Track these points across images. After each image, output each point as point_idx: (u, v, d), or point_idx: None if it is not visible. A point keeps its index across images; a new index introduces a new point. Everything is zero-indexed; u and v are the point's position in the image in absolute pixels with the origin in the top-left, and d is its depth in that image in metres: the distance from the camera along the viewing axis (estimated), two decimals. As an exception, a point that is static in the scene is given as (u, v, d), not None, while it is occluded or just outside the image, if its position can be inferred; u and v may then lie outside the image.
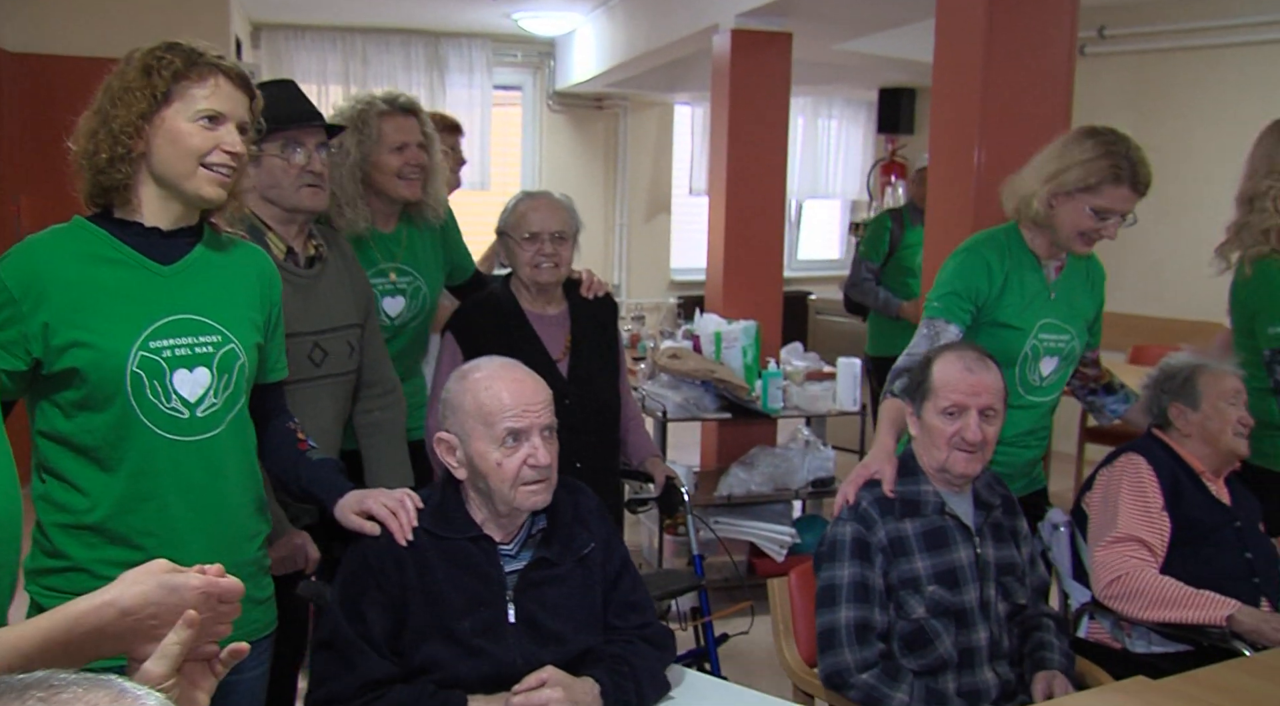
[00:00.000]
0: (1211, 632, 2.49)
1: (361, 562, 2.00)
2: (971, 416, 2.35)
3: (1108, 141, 2.66)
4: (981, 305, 2.73)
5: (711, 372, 4.46)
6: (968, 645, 2.33)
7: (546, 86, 8.67)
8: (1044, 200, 2.69)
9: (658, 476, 3.18)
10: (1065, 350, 2.80)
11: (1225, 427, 2.73)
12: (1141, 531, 2.63)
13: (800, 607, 2.51)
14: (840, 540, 2.36)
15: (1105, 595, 2.61)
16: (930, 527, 2.37)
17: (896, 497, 2.39)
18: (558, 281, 2.99)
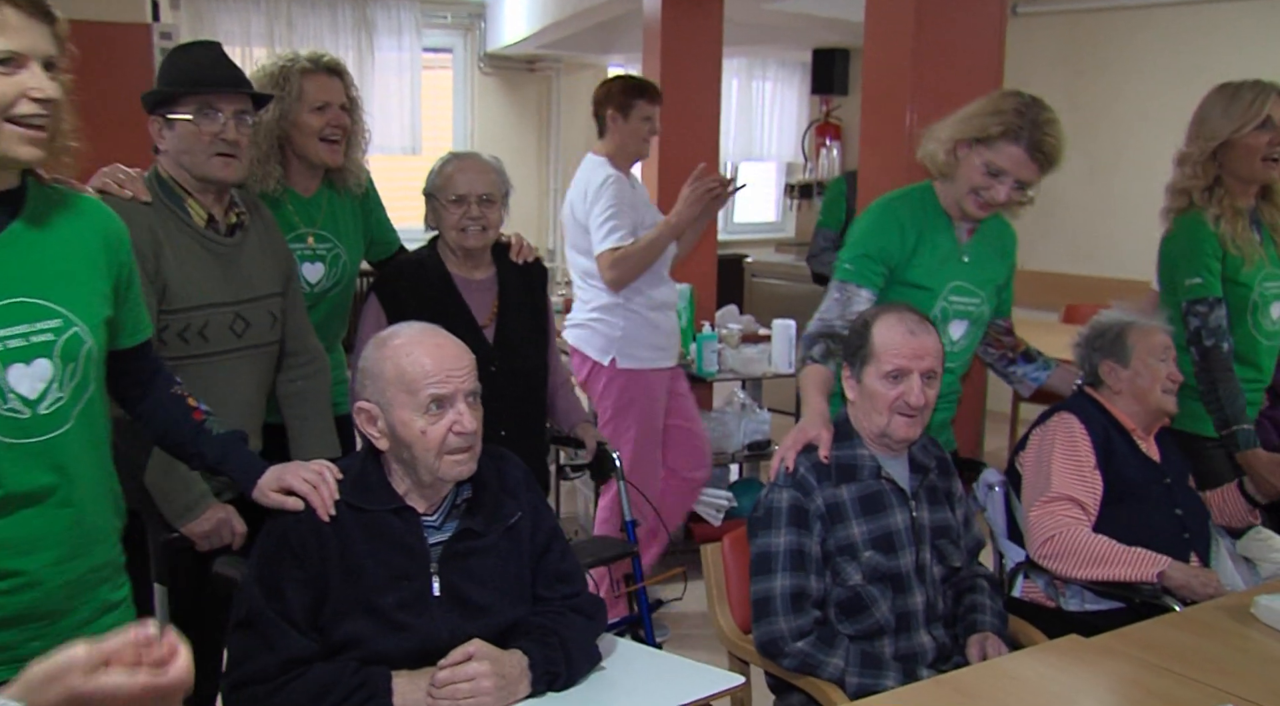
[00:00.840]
0: (1144, 589, 2.50)
1: (280, 538, 1.93)
2: (914, 380, 2.33)
3: (1020, 102, 2.62)
4: (893, 266, 2.69)
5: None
6: (904, 609, 2.31)
7: (477, 49, 8.51)
8: (949, 148, 2.65)
9: (589, 442, 3.13)
10: (975, 313, 2.77)
11: (1155, 384, 2.73)
12: (1074, 490, 2.63)
13: (734, 574, 2.48)
14: (777, 507, 2.32)
15: (1039, 554, 2.61)
16: (866, 492, 2.34)
17: (832, 462, 2.36)
18: (485, 246, 2.91)
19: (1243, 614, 2.24)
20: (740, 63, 9.35)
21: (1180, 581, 2.47)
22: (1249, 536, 2.82)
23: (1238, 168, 2.94)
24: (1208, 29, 6.26)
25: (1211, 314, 2.91)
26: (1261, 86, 2.93)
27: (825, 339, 2.60)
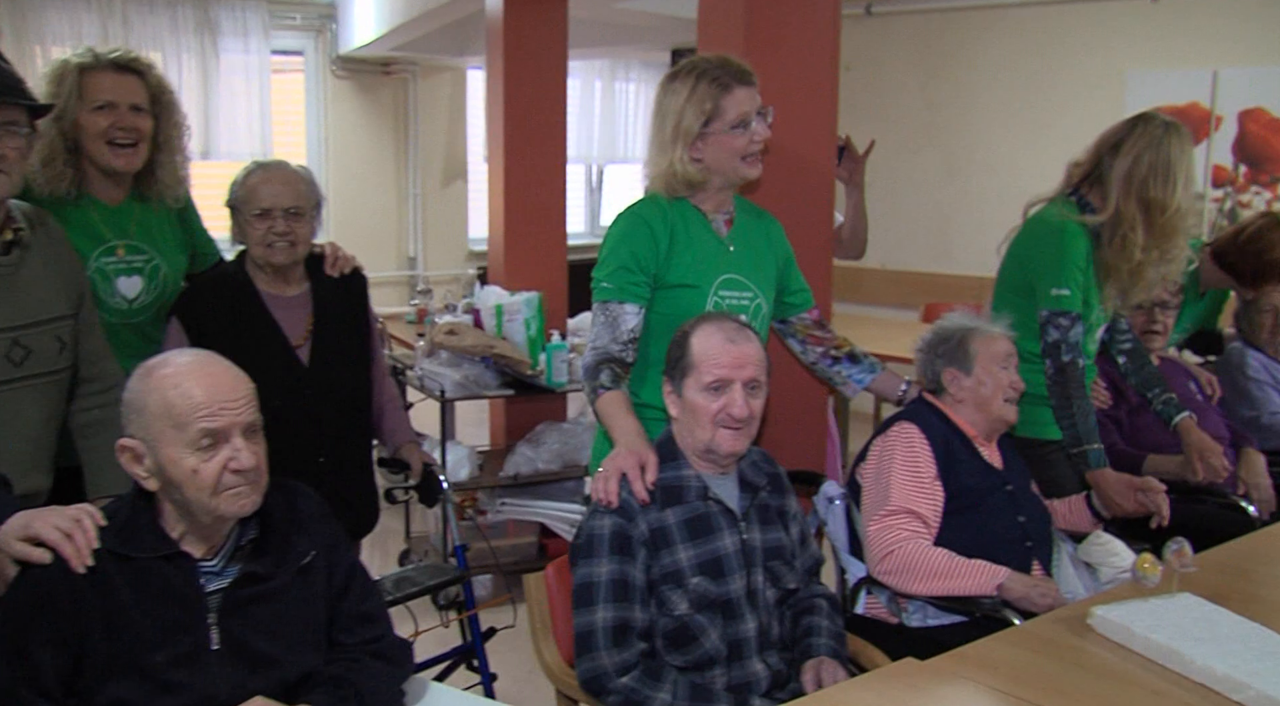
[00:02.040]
0: (983, 603, 2.43)
1: (27, 594, 1.73)
2: (736, 390, 2.22)
3: (689, 69, 2.51)
4: (653, 272, 2.52)
5: (491, 348, 4.25)
6: (735, 637, 2.20)
7: (329, 51, 8.23)
8: (685, 160, 2.51)
9: (414, 464, 2.96)
10: (751, 308, 2.62)
11: (997, 393, 2.67)
12: (914, 502, 2.55)
13: (560, 604, 2.34)
14: (598, 534, 2.19)
15: (879, 570, 2.52)
16: (692, 515, 2.22)
17: (656, 485, 2.23)
18: (294, 261, 2.72)
19: (1080, 625, 2.18)
20: (603, 64, 9.23)
21: (1019, 593, 2.40)
22: (1090, 541, 2.78)
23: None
24: (1056, 30, 6.34)
25: (1073, 328, 2.87)
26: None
27: (608, 365, 2.44)
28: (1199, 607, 2.18)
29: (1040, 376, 2.90)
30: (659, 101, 2.56)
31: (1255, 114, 5.84)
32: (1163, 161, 2.84)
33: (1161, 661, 2.01)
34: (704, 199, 2.60)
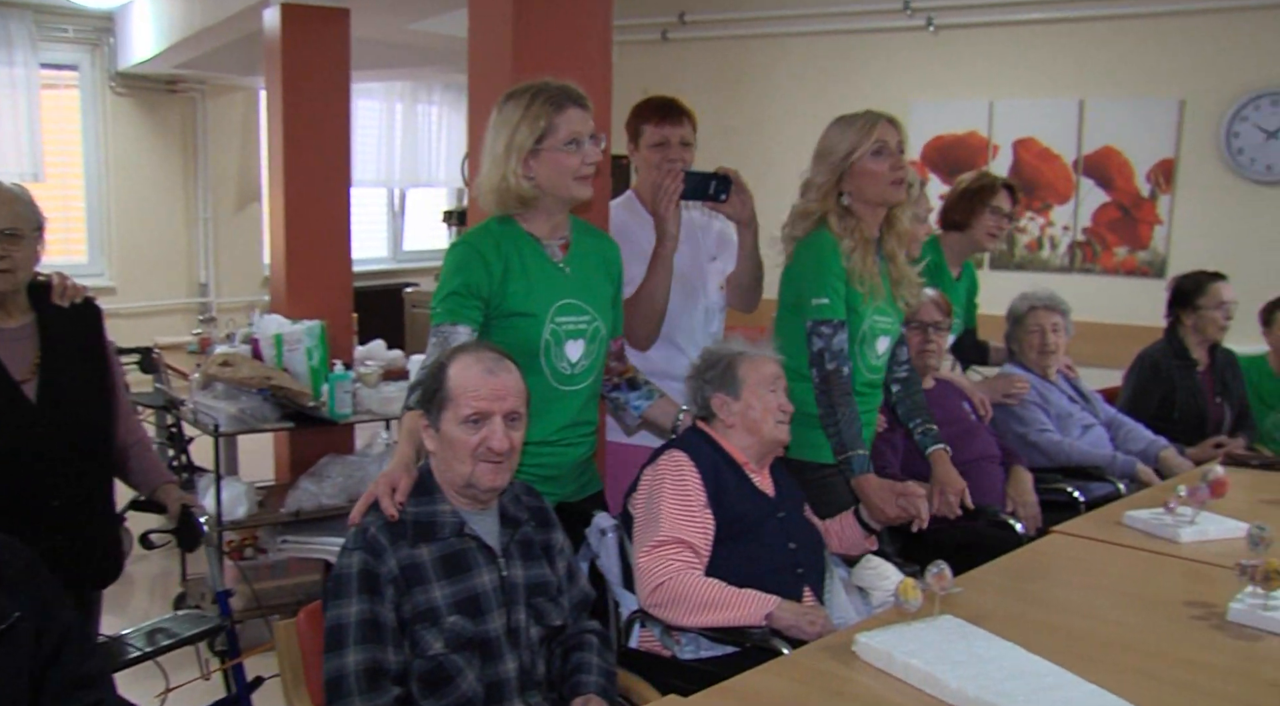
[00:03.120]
0: (753, 633, 2.40)
1: None
2: (496, 423, 2.13)
3: (526, 88, 2.52)
4: (487, 298, 2.51)
5: (268, 379, 4.06)
6: (495, 678, 2.10)
7: (107, 66, 7.82)
8: (519, 174, 2.50)
9: (170, 506, 2.77)
10: (589, 331, 2.61)
11: (767, 416, 2.66)
12: (684, 532, 2.51)
13: (312, 651, 2.20)
14: (346, 573, 2.07)
15: (650, 603, 2.47)
16: (448, 551, 2.13)
17: (409, 520, 2.12)
18: (14, 288, 2.52)
19: (846, 653, 2.16)
20: (405, 86, 9.07)
21: (789, 622, 2.38)
22: (861, 565, 2.79)
23: (866, 192, 2.94)
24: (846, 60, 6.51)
25: (835, 336, 2.89)
26: (873, 115, 2.95)
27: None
28: (959, 629, 2.20)
29: (809, 393, 2.91)
30: (495, 118, 2.54)
31: (1028, 143, 6.11)
32: (824, 143, 2.98)
33: (920, 686, 2.00)
34: (538, 223, 2.58)
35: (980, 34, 6.17)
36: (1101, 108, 5.90)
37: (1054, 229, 6.07)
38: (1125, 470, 3.86)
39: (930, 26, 6.21)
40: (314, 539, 4.23)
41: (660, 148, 3.15)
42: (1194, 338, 4.42)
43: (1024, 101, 6.09)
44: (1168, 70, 5.73)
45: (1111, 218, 5.92)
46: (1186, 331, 4.42)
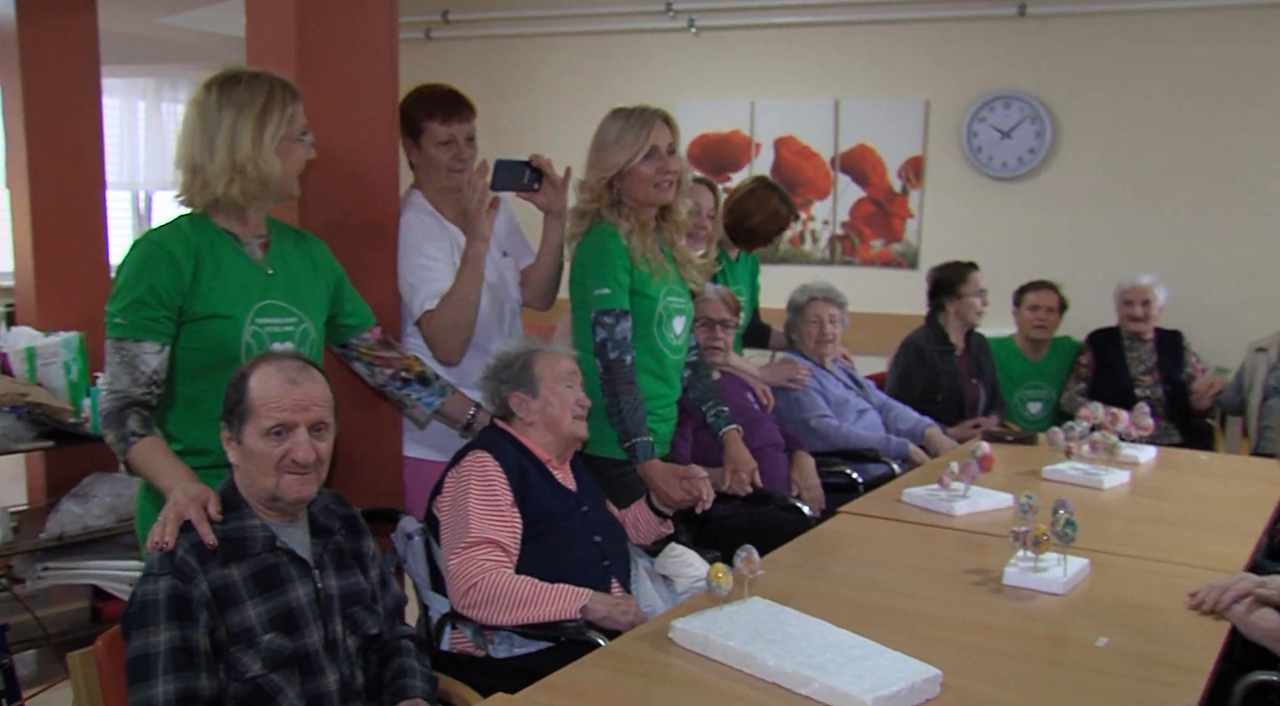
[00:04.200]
0: (568, 627, 2.43)
1: None
2: (300, 434, 2.07)
3: (255, 75, 2.38)
4: (178, 304, 2.32)
5: (23, 396, 3.79)
6: (316, 693, 2.05)
7: None
8: (271, 165, 2.35)
9: None
10: (296, 334, 2.48)
11: (565, 412, 2.69)
12: (493, 532, 2.50)
13: (113, 683, 2.08)
14: (153, 600, 1.96)
15: (463, 604, 2.46)
16: (260, 568, 2.05)
17: (219, 538, 2.04)
18: None
19: (662, 640, 2.21)
20: (146, 83, 8.61)
21: (602, 613, 2.42)
22: (665, 554, 2.86)
23: (635, 193, 3.01)
24: (610, 59, 6.60)
25: (618, 325, 2.94)
26: (647, 115, 3.01)
27: (133, 409, 2.24)
28: (769, 610, 2.28)
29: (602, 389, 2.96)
30: (217, 101, 2.35)
31: (788, 141, 6.36)
32: (599, 139, 3.03)
33: (738, 666, 2.07)
34: (238, 221, 2.43)
35: (740, 36, 6.37)
36: (855, 108, 6.21)
37: (815, 223, 6.34)
38: (899, 451, 4.10)
39: (692, 28, 6.37)
40: (80, 564, 3.98)
41: (448, 146, 3.08)
42: (954, 323, 4.73)
43: (783, 102, 6.33)
44: (914, 73, 6.09)
45: (867, 212, 6.24)
46: (948, 318, 4.73)
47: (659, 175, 2.99)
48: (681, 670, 2.11)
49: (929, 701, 1.95)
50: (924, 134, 6.10)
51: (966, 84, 5.98)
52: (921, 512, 3.16)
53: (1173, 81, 5.62)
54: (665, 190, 3.02)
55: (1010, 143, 5.91)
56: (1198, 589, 2.43)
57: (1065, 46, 5.80)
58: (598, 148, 3.03)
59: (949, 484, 3.18)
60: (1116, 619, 2.37)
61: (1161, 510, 3.31)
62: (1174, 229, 5.65)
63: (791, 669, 2.00)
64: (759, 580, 2.43)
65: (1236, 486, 3.52)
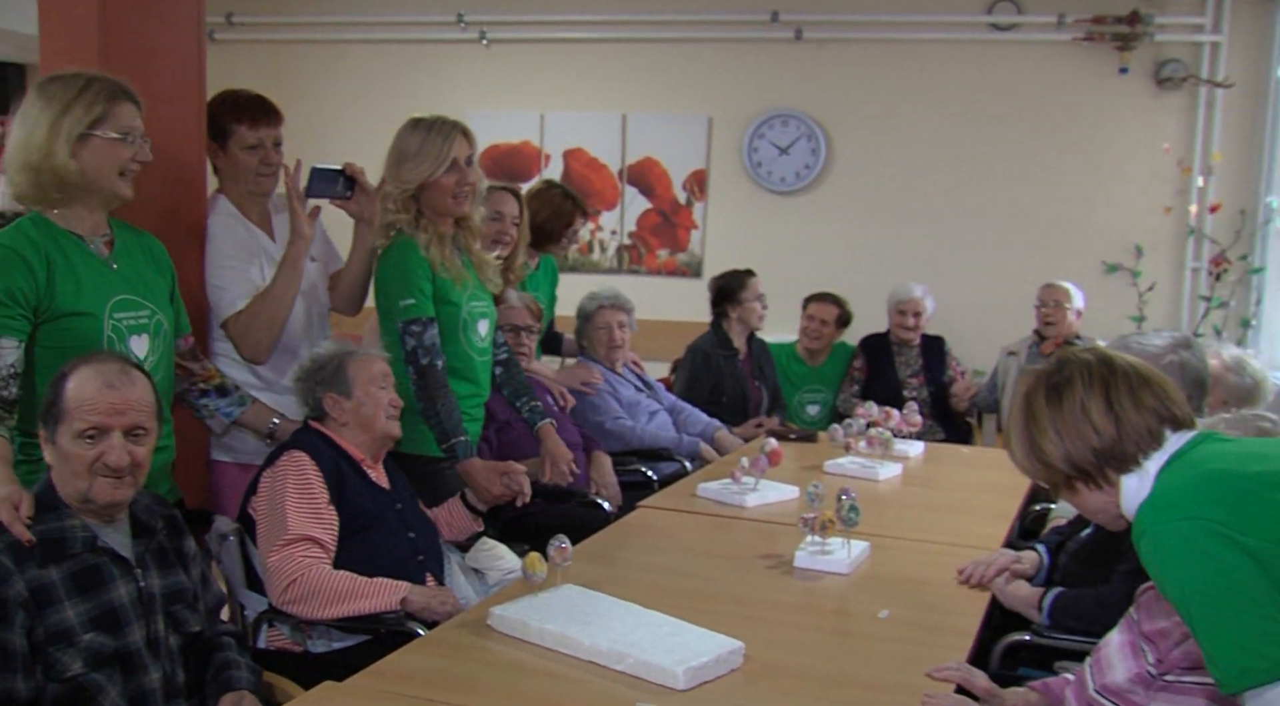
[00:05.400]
0: (388, 618, 2.50)
1: None
2: (115, 438, 2.07)
3: (76, 75, 2.43)
4: (35, 304, 2.34)
5: None
6: (139, 691, 2.06)
7: None
8: (64, 154, 2.37)
9: None
10: (151, 325, 2.53)
11: (379, 412, 2.76)
12: (311, 529, 2.55)
13: (-81, 689, 2.04)
14: (-34, 601, 1.94)
15: (283, 600, 2.49)
16: (80, 568, 2.05)
17: (36, 538, 2.03)
18: None
19: (481, 627, 2.31)
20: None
21: (421, 604, 2.50)
22: (477, 548, 2.96)
23: (435, 204, 3.10)
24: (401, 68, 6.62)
25: (425, 333, 3.02)
26: (447, 128, 3.09)
27: None
28: (581, 595, 2.42)
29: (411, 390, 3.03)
30: (33, 99, 2.39)
31: (577, 153, 6.53)
32: (399, 149, 3.09)
33: (556, 647, 2.20)
34: (77, 220, 2.46)
35: (531, 49, 6.50)
36: (641, 122, 6.43)
37: (603, 233, 6.53)
38: (690, 450, 4.31)
39: (484, 40, 6.46)
40: None
41: (255, 150, 3.08)
42: (736, 328, 4.99)
43: (572, 114, 6.49)
44: (697, 90, 6.35)
45: (654, 223, 6.47)
46: (730, 323, 4.98)
47: (458, 187, 3.09)
48: (502, 653, 2.22)
49: (734, 671, 2.13)
50: (707, 148, 6.37)
51: (747, 102, 6.28)
52: (716, 505, 3.36)
53: (934, 105, 6.07)
54: (463, 201, 3.13)
55: (788, 158, 6.24)
56: (965, 565, 2.71)
57: (838, 69, 6.17)
58: (398, 160, 3.10)
59: (740, 478, 3.39)
60: (895, 593, 2.61)
61: (930, 497, 3.63)
62: (935, 241, 6.08)
63: (607, 647, 2.14)
64: (569, 570, 2.56)
65: (993, 476, 3.86)
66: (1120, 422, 1.76)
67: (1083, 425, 1.78)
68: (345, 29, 6.68)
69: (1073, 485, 1.84)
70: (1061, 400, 1.80)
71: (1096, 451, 1.77)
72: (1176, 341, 2.80)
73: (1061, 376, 1.83)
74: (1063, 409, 1.80)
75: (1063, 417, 1.79)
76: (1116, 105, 5.88)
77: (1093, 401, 1.78)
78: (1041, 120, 5.97)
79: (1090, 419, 1.77)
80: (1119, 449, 1.76)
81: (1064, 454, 1.80)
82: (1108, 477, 1.78)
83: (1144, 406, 1.77)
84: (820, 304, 5.46)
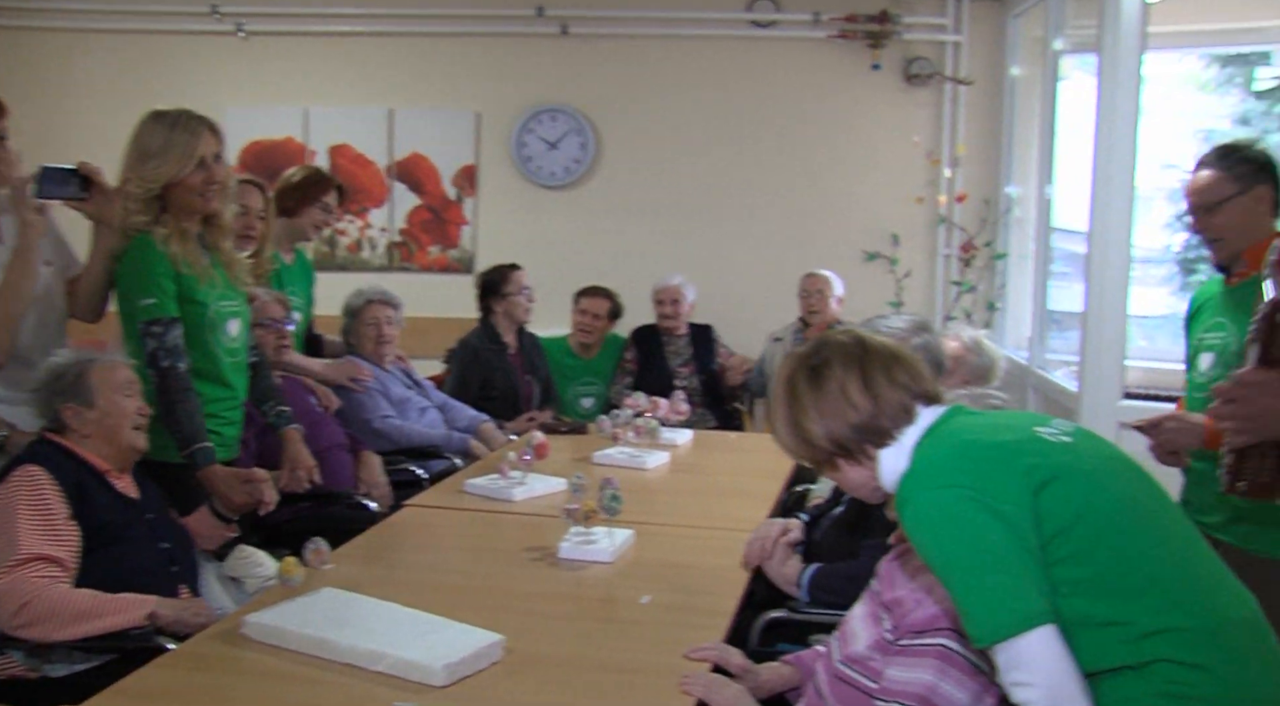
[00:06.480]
0: (134, 635, 2.39)
1: None
2: None
3: None
4: None
5: None
6: None
7: None
8: None
9: None
10: None
11: (123, 422, 2.64)
12: (46, 547, 2.41)
13: None
14: None
15: (15, 624, 2.34)
16: None
17: None
18: None
19: (235, 637, 2.24)
20: None
21: (171, 617, 2.41)
22: (233, 556, 2.86)
23: (182, 203, 2.99)
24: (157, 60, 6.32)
25: (167, 334, 2.91)
26: (193, 124, 2.98)
27: None
28: (340, 598, 2.37)
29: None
30: None
31: (343, 149, 6.38)
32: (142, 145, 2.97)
33: (313, 652, 2.15)
34: None
35: (292, 43, 6.30)
36: (409, 117, 6.33)
37: (373, 230, 6.40)
38: (460, 446, 4.28)
39: (240, 32, 6.23)
40: None
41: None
42: (504, 323, 4.99)
43: (338, 109, 6.33)
44: (466, 85, 6.29)
45: (424, 219, 6.38)
46: (498, 318, 4.98)
47: (205, 186, 2.99)
48: (257, 662, 2.16)
49: (494, 664, 2.13)
50: (476, 144, 6.33)
51: (515, 97, 6.27)
52: (484, 500, 3.35)
53: (698, 100, 6.20)
54: (212, 199, 3.02)
55: (557, 153, 6.27)
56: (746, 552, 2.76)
57: (605, 64, 6.24)
58: (140, 157, 2.96)
59: (508, 472, 3.39)
60: (657, 578, 2.66)
61: (696, 483, 3.72)
62: (703, 233, 6.23)
63: (365, 648, 2.11)
64: (329, 574, 2.51)
65: (759, 460, 3.97)
66: (877, 399, 1.85)
67: (842, 403, 1.86)
68: (89, 17, 6.32)
69: (834, 462, 1.92)
70: (821, 381, 1.88)
71: (855, 427, 1.86)
72: (916, 324, 2.95)
73: (820, 358, 1.90)
74: (823, 389, 1.88)
75: (823, 397, 1.87)
76: (870, 100, 6.15)
77: (850, 380, 1.86)
78: (801, 114, 6.19)
79: (849, 397, 1.86)
80: (876, 424, 1.85)
81: (826, 432, 1.87)
82: (867, 452, 1.87)
83: (897, 383, 1.87)
84: (591, 298, 5.51)
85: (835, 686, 1.97)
